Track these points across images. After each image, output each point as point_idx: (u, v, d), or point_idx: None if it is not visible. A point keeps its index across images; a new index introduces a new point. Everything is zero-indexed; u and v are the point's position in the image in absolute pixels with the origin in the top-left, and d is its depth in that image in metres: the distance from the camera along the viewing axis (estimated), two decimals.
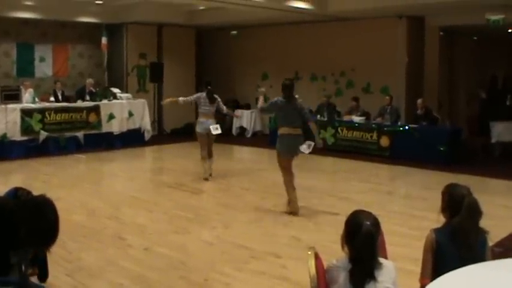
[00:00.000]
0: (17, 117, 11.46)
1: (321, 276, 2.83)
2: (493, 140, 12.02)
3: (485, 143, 12.33)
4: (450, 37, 14.41)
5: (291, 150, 7.29)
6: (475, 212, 3.17)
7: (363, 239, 2.65)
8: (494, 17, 11.46)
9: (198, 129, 9.45)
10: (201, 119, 9.45)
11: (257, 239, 6.20)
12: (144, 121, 13.85)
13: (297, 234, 6.35)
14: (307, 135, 7.37)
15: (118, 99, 13.56)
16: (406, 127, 11.68)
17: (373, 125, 12.13)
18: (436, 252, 3.19)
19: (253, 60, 16.54)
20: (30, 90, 12.42)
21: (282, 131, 7.29)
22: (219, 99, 9.63)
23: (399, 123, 12.09)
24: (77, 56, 15.71)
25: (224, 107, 9.87)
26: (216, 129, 9.38)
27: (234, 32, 16.98)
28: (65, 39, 15.32)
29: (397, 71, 13.38)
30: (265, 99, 16.27)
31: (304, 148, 7.24)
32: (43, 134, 11.80)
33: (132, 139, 13.41)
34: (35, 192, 3.93)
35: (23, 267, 2.10)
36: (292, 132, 7.22)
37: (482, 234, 3.24)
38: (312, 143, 7.30)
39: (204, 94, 9.52)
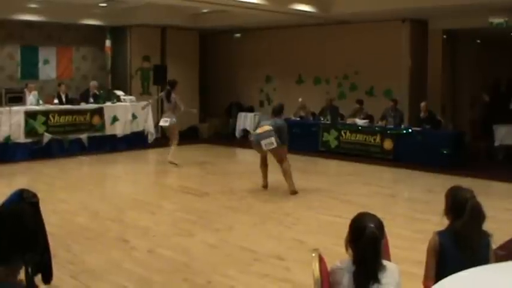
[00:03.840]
0: (21, 119, 11.49)
1: (325, 279, 2.84)
2: (496, 143, 12.00)
3: (489, 146, 12.32)
4: (453, 40, 14.40)
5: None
6: (478, 215, 3.18)
7: (367, 242, 2.66)
8: (497, 20, 11.46)
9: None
10: (163, 114, 11.44)
11: (260, 241, 6.21)
12: (148, 124, 13.87)
13: (300, 236, 6.36)
14: None
15: (122, 101, 13.60)
16: (410, 130, 11.68)
17: (377, 128, 12.13)
18: (440, 255, 3.20)
19: (256, 63, 16.56)
20: (35, 92, 12.45)
21: None
22: (174, 99, 10.96)
23: (402, 126, 12.09)
24: (81, 59, 15.75)
25: (182, 106, 11.12)
26: (163, 122, 11.19)
27: (238, 35, 17.01)
28: (69, 42, 15.37)
29: (400, 74, 13.38)
30: (269, 101, 16.25)
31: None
32: (47, 136, 11.83)
33: (135, 141, 13.45)
34: (40, 194, 3.97)
35: (30, 271, 2.12)
36: None
37: (485, 237, 3.25)
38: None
39: (163, 93, 11.30)
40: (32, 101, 12.15)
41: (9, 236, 2.06)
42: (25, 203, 3.68)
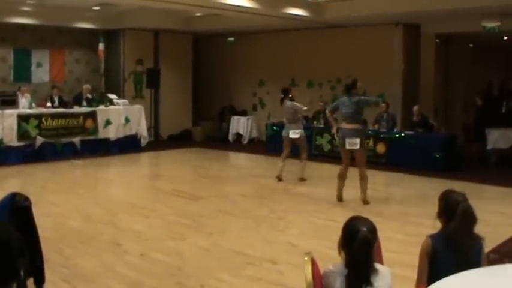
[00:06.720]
0: (13, 122, 11.43)
1: (317, 282, 2.84)
2: (489, 147, 12.05)
3: (481, 149, 12.37)
4: (446, 44, 14.48)
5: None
6: (469, 218, 3.18)
7: (360, 245, 2.67)
8: (489, 25, 11.53)
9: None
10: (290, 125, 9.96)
11: (254, 245, 6.20)
12: (141, 127, 13.85)
13: (293, 240, 6.36)
14: None
15: (115, 105, 13.57)
16: (402, 134, 11.71)
17: (369, 132, 12.14)
18: (432, 258, 3.20)
19: (249, 67, 16.58)
20: (27, 95, 12.41)
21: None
22: (290, 107, 9.85)
23: (395, 130, 12.11)
24: (74, 62, 15.72)
25: (303, 107, 10.04)
26: (293, 133, 9.91)
27: (231, 39, 17.02)
28: (62, 45, 15.35)
29: (393, 78, 13.43)
30: (262, 105, 16.26)
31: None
32: (40, 140, 11.79)
33: (128, 145, 13.40)
34: (32, 198, 3.95)
35: (22, 275, 2.08)
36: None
37: (478, 240, 3.25)
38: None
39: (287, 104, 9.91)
40: (25, 104, 12.11)
41: None
42: (13, 220, 3.61)
